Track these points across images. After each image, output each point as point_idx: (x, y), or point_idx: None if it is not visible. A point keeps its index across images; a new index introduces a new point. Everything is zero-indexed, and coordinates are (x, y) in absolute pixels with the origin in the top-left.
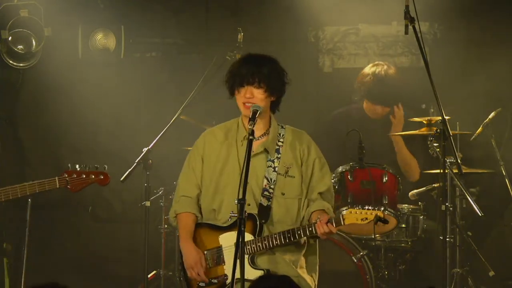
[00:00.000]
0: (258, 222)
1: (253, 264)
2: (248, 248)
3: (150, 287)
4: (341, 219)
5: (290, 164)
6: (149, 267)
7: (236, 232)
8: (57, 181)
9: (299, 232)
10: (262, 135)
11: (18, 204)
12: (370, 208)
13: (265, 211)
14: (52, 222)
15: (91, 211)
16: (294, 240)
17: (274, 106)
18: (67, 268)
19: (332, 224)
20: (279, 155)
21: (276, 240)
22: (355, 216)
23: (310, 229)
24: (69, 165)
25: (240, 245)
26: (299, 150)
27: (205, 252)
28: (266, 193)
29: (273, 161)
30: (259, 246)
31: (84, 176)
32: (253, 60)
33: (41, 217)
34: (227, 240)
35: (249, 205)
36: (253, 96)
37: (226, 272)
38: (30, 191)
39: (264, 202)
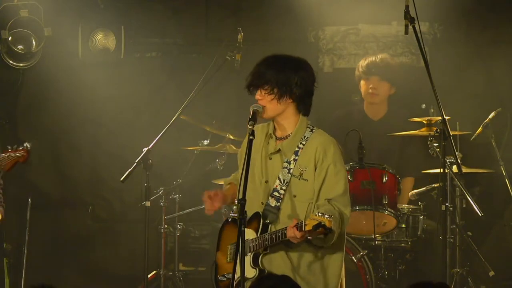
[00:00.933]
0: (261, 221)
1: (253, 263)
2: (250, 247)
3: (150, 287)
4: (303, 225)
5: (305, 167)
6: (149, 267)
7: (249, 229)
8: None
9: (279, 234)
10: (286, 136)
11: (18, 204)
12: (326, 216)
13: (272, 211)
14: (52, 222)
15: (91, 211)
16: (278, 241)
17: (300, 108)
18: (67, 268)
19: (297, 229)
20: (297, 157)
21: (266, 241)
22: (312, 223)
23: (285, 232)
24: (8, 147)
25: (240, 244)
26: (316, 153)
27: (228, 246)
28: (275, 193)
29: (289, 163)
30: (256, 245)
31: (12, 154)
32: (261, 62)
33: (41, 217)
34: None
35: (262, 203)
36: (261, 97)
37: None
38: None
39: (272, 202)
